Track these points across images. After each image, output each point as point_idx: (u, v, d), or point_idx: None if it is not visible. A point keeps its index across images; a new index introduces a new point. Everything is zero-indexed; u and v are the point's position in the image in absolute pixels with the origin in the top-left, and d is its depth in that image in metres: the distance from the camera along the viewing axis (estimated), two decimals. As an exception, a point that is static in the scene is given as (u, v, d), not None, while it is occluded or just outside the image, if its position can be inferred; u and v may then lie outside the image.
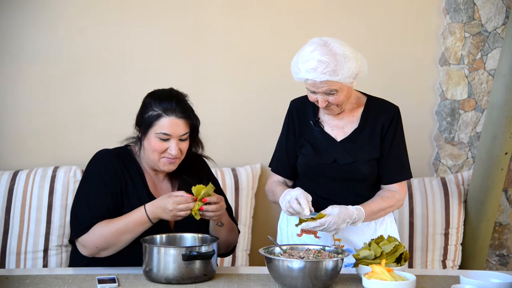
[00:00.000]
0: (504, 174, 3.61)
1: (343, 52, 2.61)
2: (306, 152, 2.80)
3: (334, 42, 2.64)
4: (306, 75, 2.62)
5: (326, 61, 2.59)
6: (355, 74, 2.64)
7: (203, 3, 3.72)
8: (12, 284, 2.43)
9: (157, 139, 2.64)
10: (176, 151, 2.64)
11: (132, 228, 2.58)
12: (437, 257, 3.64)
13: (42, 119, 3.69)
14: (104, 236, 2.59)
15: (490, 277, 2.43)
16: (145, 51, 3.72)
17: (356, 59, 2.63)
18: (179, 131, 2.65)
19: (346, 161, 2.75)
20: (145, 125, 2.66)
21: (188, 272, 2.43)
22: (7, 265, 3.42)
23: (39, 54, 3.66)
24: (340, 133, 2.79)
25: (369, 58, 3.73)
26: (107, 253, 2.63)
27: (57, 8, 3.66)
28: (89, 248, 2.62)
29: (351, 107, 2.80)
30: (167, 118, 2.63)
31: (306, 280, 2.35)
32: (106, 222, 2.61)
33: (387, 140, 2.77)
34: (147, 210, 2.58)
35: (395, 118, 2.80)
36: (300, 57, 2.65)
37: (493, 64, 3.76)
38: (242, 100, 3.76)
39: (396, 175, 2.79)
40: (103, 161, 2.72)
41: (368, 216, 2.68)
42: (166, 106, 2.64)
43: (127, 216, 2.60)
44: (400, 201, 2.79)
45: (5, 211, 3.46)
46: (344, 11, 3.77)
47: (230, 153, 3.77)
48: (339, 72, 2.59)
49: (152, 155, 2.67)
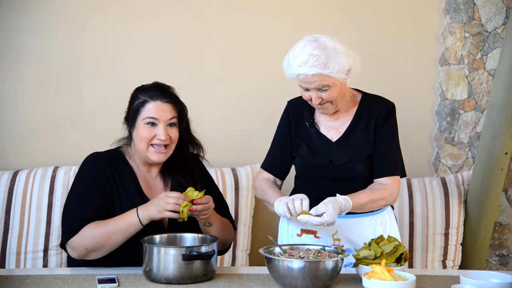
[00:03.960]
0: (504, 174, 3.61)
1: (334, 46, 2.62)
2: (302, 153, 2.81)
3: (325, 38, 2.65)
4: (297, 70, 2.63)
5: (317, 54, 2.60)
6: (347, 70, 2.64)
7: (203, 3, 3.72)
8: (12, 284, 2.43)
9: (145, 126, 2.66)
10: (165, 135, 2.66)
11: (122, 228, 2.58)
12: (437, 257, 3.64)
13: (42, 119, 3.69)
14: (94, 237, 2.59)
15: (490, 277, 2.43)
16: (145, 51, 3.72)
17: (347, 54, 2.64)
18: (166, 115, 2.67)
19: (341, 161, 2.75)
20: (132, 116, 2.70)
21: (188, 272, 2.43)
22: (7, 265, 3.42)
23: (39, 54, 3.66)
24: (335, 134, 2.79)
25: (369, 58, 3.78)
26: (95, 255, 2.62)
27: (57, 8, 3.66)
28: (78, 249, 2.62)
29: (347, 107, 2.80)
30: (153, 103, 2.67)
31: (306, 280, 2.35)
32: (96, 223, 2.61)
33: (380, 135, 2.77)
34: (138, 210, 2.59)
35: (389, 113, 2.79)
36: (291, 53, 2.66)
37: (493, 64, 3.76)
38: (242, 100, 3.76)
39: (387, 169, 2.77)
40: (92, 164, 2.72)
41: (356, 207, 2.64)
42: (151, 93, 2.69)
43: (119, 217, 2.61)
44: (392, 195, 2.75)
45: (5, 211, 3.46)
46: (344, 11, 3.77)
47: (230, 153, 3.77)
48: (330, 65, 2.60)
49: (141, 144, 2.68)
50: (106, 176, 2.69)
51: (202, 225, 2.70)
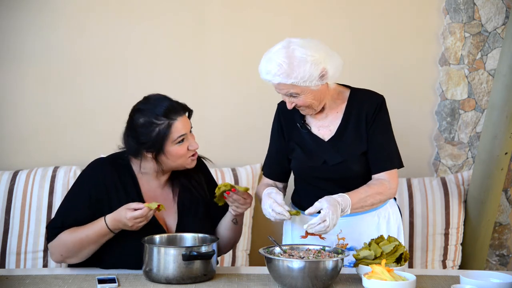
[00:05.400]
0: (504, 174, 3.61)
1: (301, 55, 2.55)
2: (297, 156, 2.78)
3: (296, 45, 2.58)
4: (264, 76, 2.62)
5: (280, 64, 2.56)
6: (318, 76, 2.57)
7: (203, 3, 3.72)
8: (12, 284, 2.43)
9: (177, 145, 2.60)
10: (196, 143, 2.64)
11: (93, 239, 2.57)
12: (437, 257, 3.64)
13: (42, 119, 3.69)
14: (66, 245, 2.58)
15: (490, 277, 2.43)
16: (145, 51, 3.72)
17: (316, 62, 2.56)
18: (188, 125, 2.64)
19: (335, 161, 2.72)
20: (159, 143, 2.58)
21: (188, 272, 2.43)
22: (7, 265, 3.42)
23: (39, 54, 3.66)
24: (327, 132, 2.76)
25: (369, 58, 3.79)
26: (73, 261, 2.62)
27: (57, 8, 3.66)
28: (54, 254, 2.62)
29: (334, 105, 2.76)
30: (176, 121, 2.59)
31: (306, 280, 2.35)
32: (70, 231, 2.59)
33: (372, 130, 2.72)
34: (108, 222, 2.55)
35: (379, 107, 2.73)
36: (262, 59, 2.64)
37: (493, 64, 3.76)
38: (242, 100, 3.76)
39: (384, 164, 2.73)
40: (93, 170, 2.69)
41: (355, 203, 2.61)
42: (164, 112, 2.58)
43: (89, 227, 2.57)
44: (391, 190, 2.72)
45: (5, 211, 3.46)
46: (344, 11, 3.77)
47: (230, 153, 3.77)
48: (293, 75, 2.55)
49: (181, 160, 2.63)
50: (105, 181, 2.64)
51: (229, 220, 2.71)
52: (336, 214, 2.51)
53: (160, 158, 2.62)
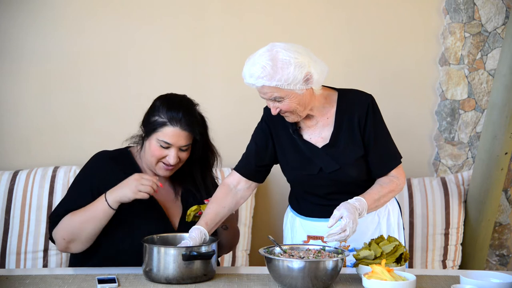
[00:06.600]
0: (504, 174, 3.61)
1: (285, 57, 2.51)
2: (291, 165, 2.72)
3: (280, 48, 2.54)
4: (247, 80, 2.56)
5: (264, 66, 2.51)
6: (302, 80, 2.52)
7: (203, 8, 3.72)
8: (12, 284, 2.43)
9: (158, 145, 2.64)
10: (175, 160, 2.65)
11: (93, 216, 2.59)
12: (437, 257, 3.64)
13: (42, 119, 3.69)
14: (69, 227, 2.61)
15: (490, 277, 2.43)
16: (145, 51, 3.72)
17: (300, 65, 2.51)
18: (181, 142, 2.65)
19: (332, 168, 2.66)
20: (149, 128, 2.66)
21: (188, 272, 2.43)
22: (7, 265, 3.42)
23: (39, 54, 3.66)
24: (319, 139, 2.69)
25: (369, 58, 3.79)
26: (76, 247, 2.64)
27: (57, 8, 3.66)
28: (58, 240, 2.65)
29: (323, 109, 2.69)
30: (171, 128, 2.62)
31: (306, 280, 2.35)
32: (71, 213, 2.63)
33: (368, 133, 2.67)
34: (107, 194, 2.59)
35: (370, 108, 2.68)
36: (246, 63, 2.58)
37: (493, 64, 3.76)
38: (241, 100, 3.76)
39: (390, 164, 2.70)
40: (95, 162, 2.74)
41: (371, 205, 2.58)
42: (172, 115, 2.63)
43: (89, 205, 2.62)
44: (400, 185, 2.70)
45: (5, 211, 3.46)
46: (344, 12, 3.77)
47: (230, 153, 3.75)
48: (277, 77, 2.50)
49: (150, 159, 2.68)
50: (107, 173, 2.69)
51: (219, 227, 2.71)
52: (355, 222, 2.49)
53: (145, 143, 2.68)
